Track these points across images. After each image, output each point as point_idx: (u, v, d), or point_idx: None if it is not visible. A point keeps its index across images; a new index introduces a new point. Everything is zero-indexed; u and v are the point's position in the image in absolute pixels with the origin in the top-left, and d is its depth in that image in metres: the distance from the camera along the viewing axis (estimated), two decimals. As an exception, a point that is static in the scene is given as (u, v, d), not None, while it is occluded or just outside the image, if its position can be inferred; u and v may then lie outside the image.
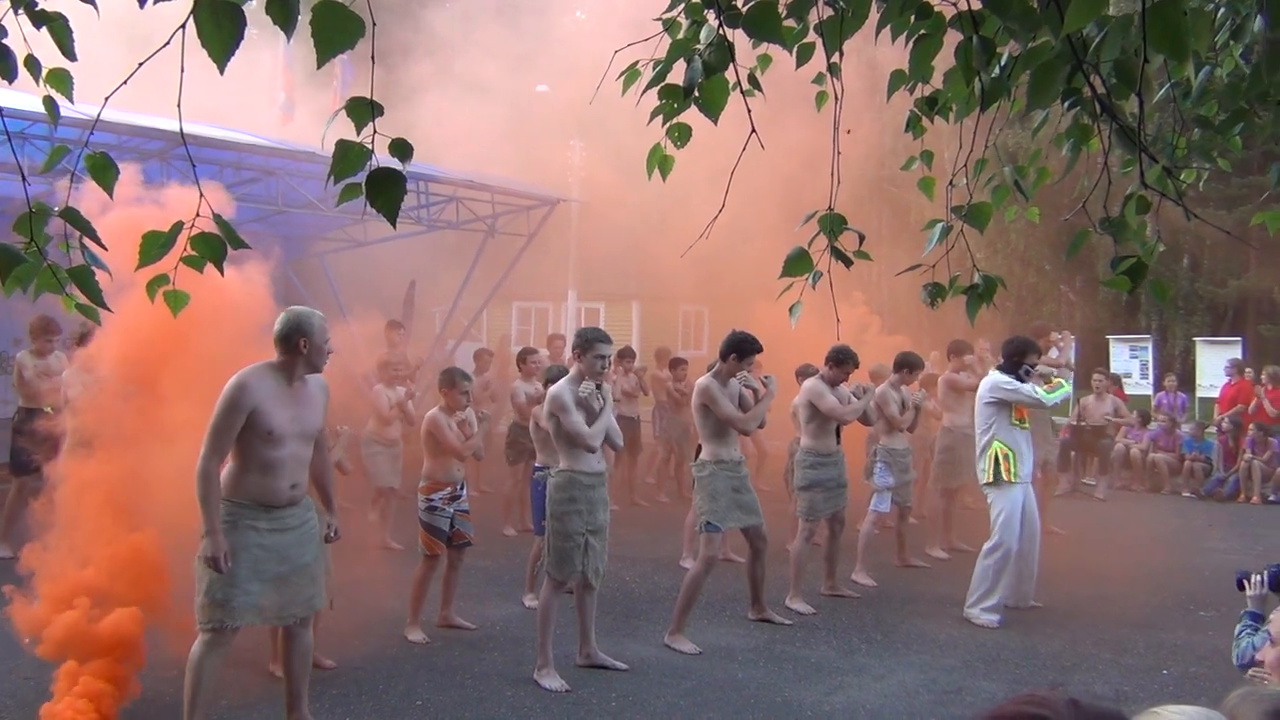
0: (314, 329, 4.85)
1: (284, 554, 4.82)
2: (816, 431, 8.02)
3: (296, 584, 4.88)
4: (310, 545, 4.97)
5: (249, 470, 4.76)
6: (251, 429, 4.71)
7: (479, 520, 8.12)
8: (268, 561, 4.77)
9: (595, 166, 19.23)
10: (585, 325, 20.35)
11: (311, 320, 4.87)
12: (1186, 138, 3.11)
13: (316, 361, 4.89)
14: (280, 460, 4.78)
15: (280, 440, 4.76)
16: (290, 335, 4.81)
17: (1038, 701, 1.26)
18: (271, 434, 4.72)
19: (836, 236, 2.61)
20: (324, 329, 4.91)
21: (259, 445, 4.73)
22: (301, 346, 4.81)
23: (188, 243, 2.03)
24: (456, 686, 6.04)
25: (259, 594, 4.74)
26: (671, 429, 12.54)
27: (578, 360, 6.19)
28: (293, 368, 4.83)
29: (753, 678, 6.31)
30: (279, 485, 4.80)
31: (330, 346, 4.97)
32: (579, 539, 6.05)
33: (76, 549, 5.43)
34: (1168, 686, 6.30)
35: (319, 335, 4.86)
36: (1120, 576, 9.12)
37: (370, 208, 1.88)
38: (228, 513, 4.71)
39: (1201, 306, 24.38)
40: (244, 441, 4.74)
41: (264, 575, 4.75)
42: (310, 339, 4.82)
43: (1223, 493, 14.25)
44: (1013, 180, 3.00)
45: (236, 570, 4.66)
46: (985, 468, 7.74)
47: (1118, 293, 5.54)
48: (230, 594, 4.66)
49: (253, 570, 4.72)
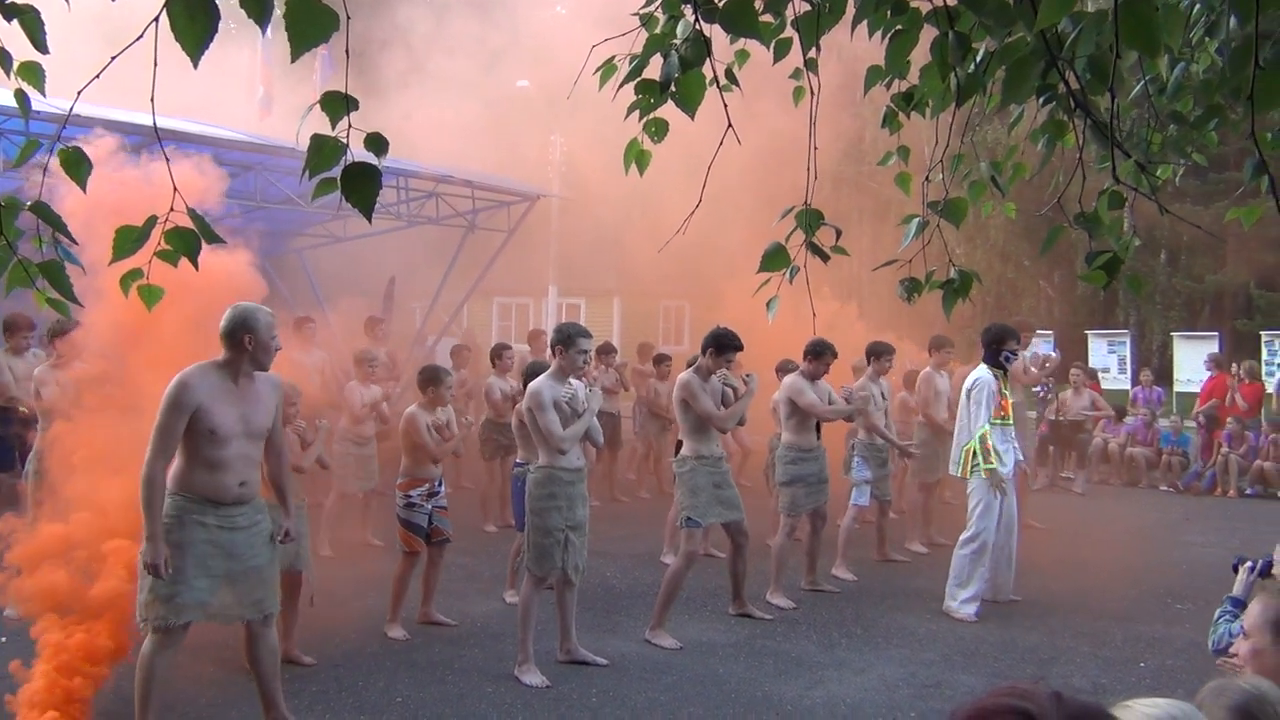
0: (259, 325, 4.76)
1: (232, 552, 4.77)
2: (797, 427, 8.04)
3: (246, 584, 4.82)
4: (262, 547, 4.91)
5: (196, 467, 4.70)
6: (195, 428, 4.65)
7: (460, 517, 8.11)
8: (215, 558, 4.72)
9: (575, 162, 19.22)
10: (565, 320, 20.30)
11: (257, 316, 4.78)
12: (1161, 134, 3.13)
13: (262, 359, 4.80)
14: (227, 459, 4.73)
15: (225, 439, 4.70)
16: (235, 331, 4.74)
17: (1020, 694, 1.26)
18: (215, 433, 4.67)
19: (814, 232, 2.62)
20: (270, 325, 4.81)
21: (204, 444, 4.67)
22: (246, 343, 4.73)
23: (162, 237, 2.02)
24: (437, 683, 6.03)
25: (205, 590, 4.68)
26: (651, 425, 12.55)
27: (558, 356, 6.17)
28: (238, 365, 4.76)
29: (733, 672, 6.33)
30: (226, 482, 4.74)
31: (278, 344, 4.87)
32: (559, 535, 6.04)
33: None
34: (1145, 679, 6.34)
35: (264, 332, 4.76)
36: (1098, 570, 9.19)
37: (346, 203, 1.87)
38: (175, 508, 4.67)
39: (1179, 301, 24.58)
40: (189, 440, 4.68)
41: (211, 571, 4.70)
42: (255, 335, 4.74)
43: (1200, 486, 14.36)
44: (989, 176, 3.02)
45: (183, 566, 4.62)
46: (959, 460, 7.77)
47: (1095, 288, 5.57)
48: (175, 590, 4.60)
49: (200, 566, 4.67)
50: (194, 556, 4.66)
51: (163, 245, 2.02)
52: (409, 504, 6.96)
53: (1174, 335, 20.67)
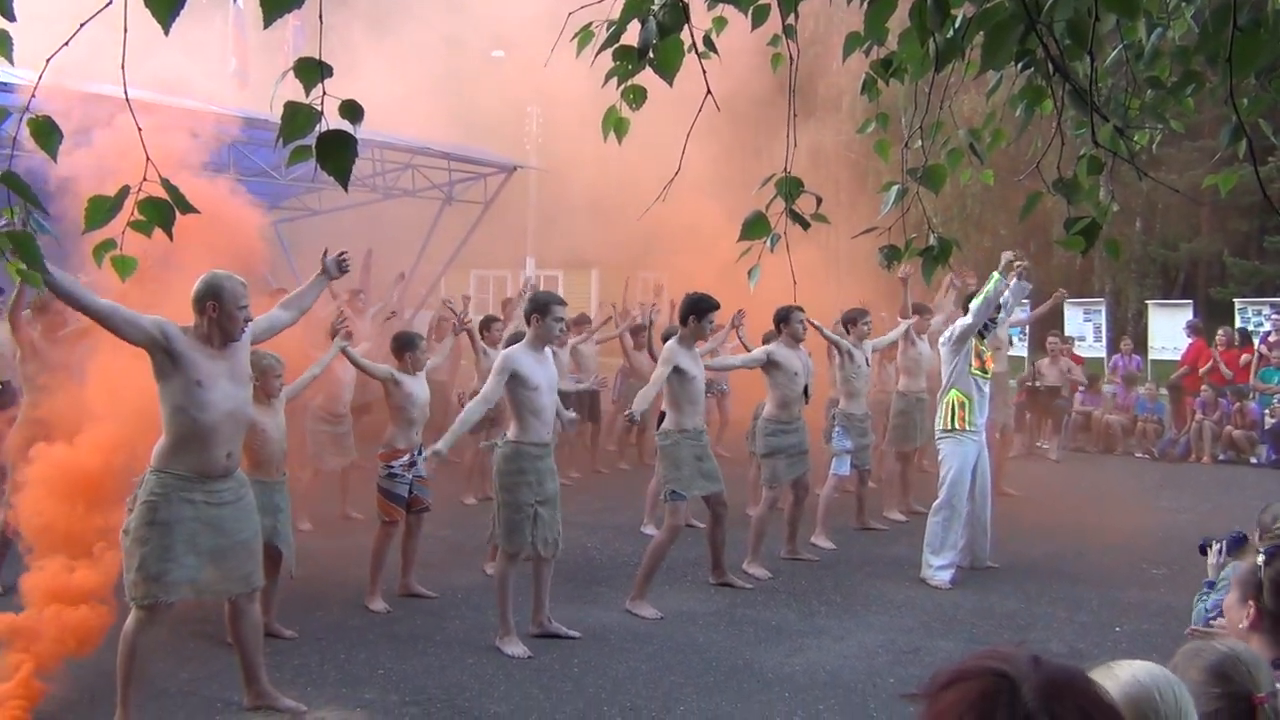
0: (224, 293, 4.68)
1: (220, 527, 4.75)
2: (779, 400, 8.04)
3: (234, 559, 4.81)
4: (248, 521, 4.91)
5: (182, 440, 4.66)
6: (179, 375, 4.59)
7: (441, 489, 8.10)
8: (203, 535, 4.70)
9: (552, 133, 19.12)
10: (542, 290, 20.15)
11: (223, 284, 4.70)
12: (1139, 99, 3.13)
13: (227, 327, 4.71)
14: (213, 423, 4.67)
15: (209, 401, 4.64)
16: (201, 298, 4.69)
17: (1000, 657, 1.28)
18: (200, 384, 4.61)
19: (794, 200, 2.61)
20: (237, 295, 4.72)
21: (190, 404, 4.61)
22: (210, 310, 4.68)
23: (135, 207, 1.99)
24: (419, 654, 6.04)
25: (195, 567, 4.66)
26: (631, 394, 12.52)
27: (534, 325, 6.16)
28: (207, 333, 4.69)
29: (713, 641, 6.37)
30: (214, 455, 4.71)
31: (247, 314, 4.78)
32: (528, 510, 6.05)
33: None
34: (1121, 643, 6.42)
35: (230, 300, 4.69)
36: (1074, 536, 9.28)
37: (321, 171, 1.85)
38: (161, 485, 4.63)
39: (1154, 270, 24.70)
40: (173, 397, 4.62)
41: (199, 548, 4.68)
42: (220, 303, 4.68)
43: (1174, 453, 14.50)
44: (968, 143, 3.02)
45: (171, 544, 4.59)
46: (942, 415, 7.83)
47: (1072, 256, 5.50)
48: (165, 568, 4.58)
49: (188, 544, 4.64)
50: (182, 534, 4.63)
51: (136, 215, 2.00)
52: (390, 474, 6.96)
53: (1149, 303, 20.78)
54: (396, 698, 5.40)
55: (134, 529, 4.62)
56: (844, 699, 5.46)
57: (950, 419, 7.74)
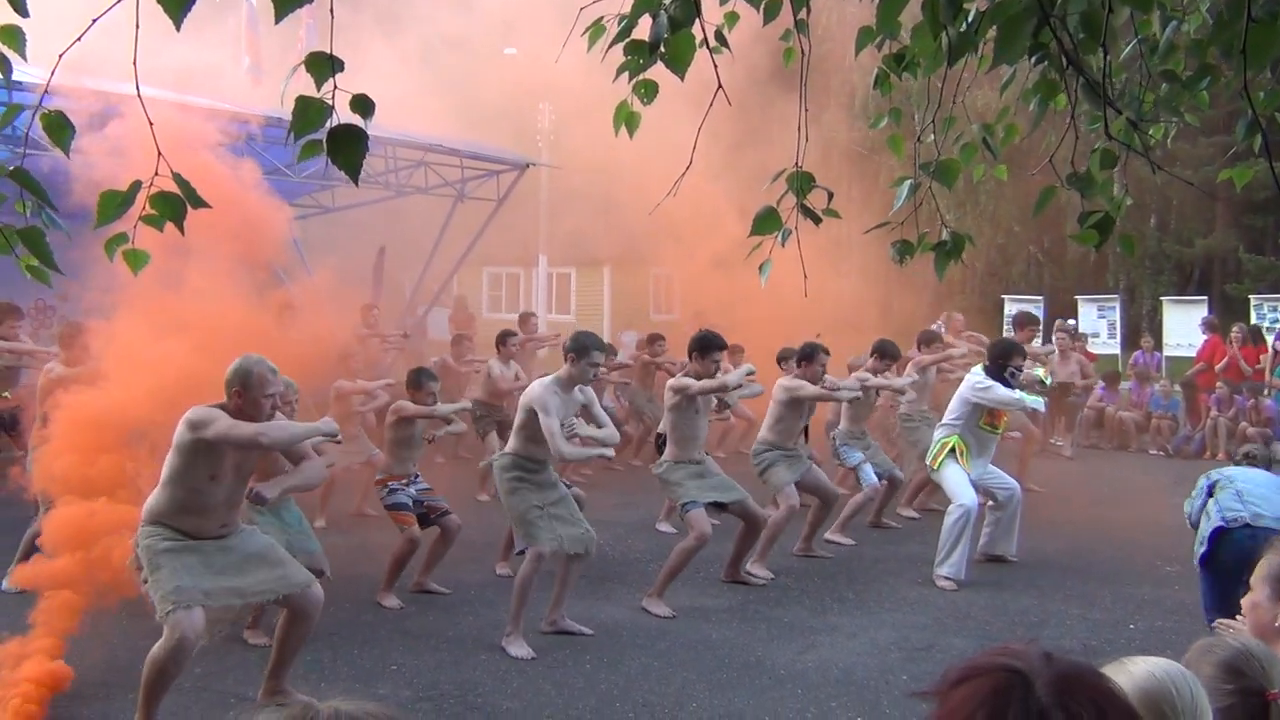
0: (251, 381, 4.76)
1: (228, 549, 4.83)
2: (782, 431, 8.06)
3: (254, 569, 4.86)
4: (252, 539, 4.98)
5: (177, 509, 4.75)
6: (196, 467, 4.70)
7: (457, 486, 8.13)
8: (213, 555, 4.77)
9: (565, 130, 19.10)
10: (557, 295, 20.24)
11: (250, 370, 4.78)
12: (1154, 93, 3.11)
13: (251, 414, 4.77)
14: (212, 505, 4.79)
15: (217, 486, 4.76)
16: (229, 383, 4.78)
17: (1012, 653, 1.28)
18: (214, 478, 4.74)
19: (805, 194, 2.60)
20: (265, 382, 4.78)
21: (198, 485, 4.72)
22: (236, 396, 4.76)
23: (147, 202, 2.00)
24: (431, 651, 6.05)
25: (216, 579, 4.72)
26: (638, 399, 12.53)
27: (570, 364, 6.22)
28: (232, 416, 4.73)
29: (726, 638, 6.36)
30: (207, 526, 4.81)
31: (274, 403, 4.86)
32: (537, 510, 6.11)
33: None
34: (1135, 640, 6.39)
35: (256, 388, 4.76)
36: (1088, 533, 9.25)
37: (333, 166, 1.84)
38: (155, 531, 4.72)
39: (1168, 266, 24.59)
40: (183, 478, 4.72)
41: (216, 566, 4.75)
42: (246, 392, 4.76)
43: (1189, 450, 14.42)
44: (981, 138, 3.00)
45: (190, 566, 4.66)
46: (934, 453, 7.84)
47: (1085, 253, 5.44)
48: (184, 579, 4.62)
49: (204, 563, 4.72)
50: (192, 553, 4.71)
51: (148, 210, 2.00)
52: (390, 490, 7.08)
53: (1163, 300, 20.69)
54: (409, 693, 5.41)
55: (147, 568, 4.70)
56: (856, 696, 5.45)
57: (942, 459, 7.75)
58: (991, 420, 7.81)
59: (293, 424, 5.18)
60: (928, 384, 10.01)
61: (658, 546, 8.28)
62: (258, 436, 4.66)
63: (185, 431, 4.67)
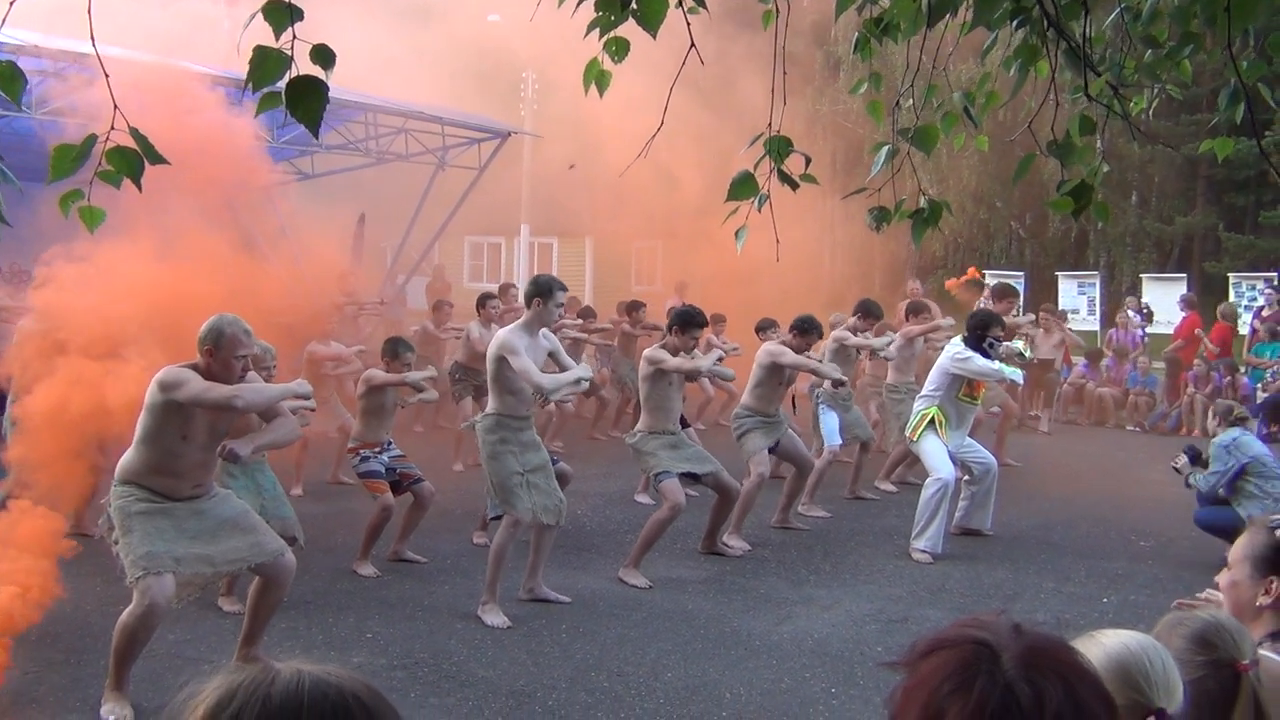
0: (223, 340, 4.65)
1: (202, 513, 4.78)
2: (762, 395, 8.04)
3: (228, 536, 4.80)
4: (227, 504, 4.92)
5: (150, 469, 4.69)
6: (168, 426, 4.63)
7: (434, 456, 8.10)
8: (186, 519, 4.72)
9: (548, 99, 18.97)
10: (538, 265, 20.18)
11: (222, 330, 4.66)
12: (1135, 60, 3.08)
13: (224, 376, 4.67)
14: (185, 468, 4.74)
15: (189, 447, 4.70)
16: (200, 342, 4.67)
17: (981, 625, 1.26)
18: (186, 439, 4.67)
19: (783, 160, 2.56)
20: (237, 343, 4.66)
21: (170, 444, 4.66)
22: (207, 355, 4.66)
23: (103, 157, 1.94)
24: (406, 619, 6.04)
25: (187, 545, 4.66)
26: (621, 367, 12.53)
27: (534, 307, 6.17)
28: (204, 375, 4.64)
29: (702, 608, 6.37)
30: (179, 486, 4.75)
31: (245, 364, 4.77)
32: (518, 477, 6.07)
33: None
34: (1108, 614, 6.43)
35: (227, 349, 4.65)
36: (1063, 507, 9.30)
37: (291, 118, 1.80)
38: (128, 491, 4.67)
39: (1149, 243, 24.68)
40: (156, 438, 4.66)
41: (188, 531, 4.70)
42: (218, 352, 4.65)
43: (1165, 426, 14.51)
44: (962, 107, 2.97)
45: (162, 530, 4.61)
46: (914, 424, 7.86)
47: (1066, 230, 5.43)
48: (155, 545, 4.56)
49: (176, 527, 4.66)
50: (164, 517, 4.65)
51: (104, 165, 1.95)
52: (362, 459, 7.07)
53: (1143, 277, 20.77)
54: (384, 661, 5.39)
55: (118, 531, 4.64)
56: (831, 667, 5.46)
57: (922, 430, 7.77)
58: (970, 391, 7.83)
59: (267, 386, 5.12)
60: (914, 355, 9.99)
61: (636, 517, 8.27)
62: (232, 400, 4.59)
63: (156, 392, 4.60)
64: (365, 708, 1.17)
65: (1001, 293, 10.66)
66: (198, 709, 1.15)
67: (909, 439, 8.09)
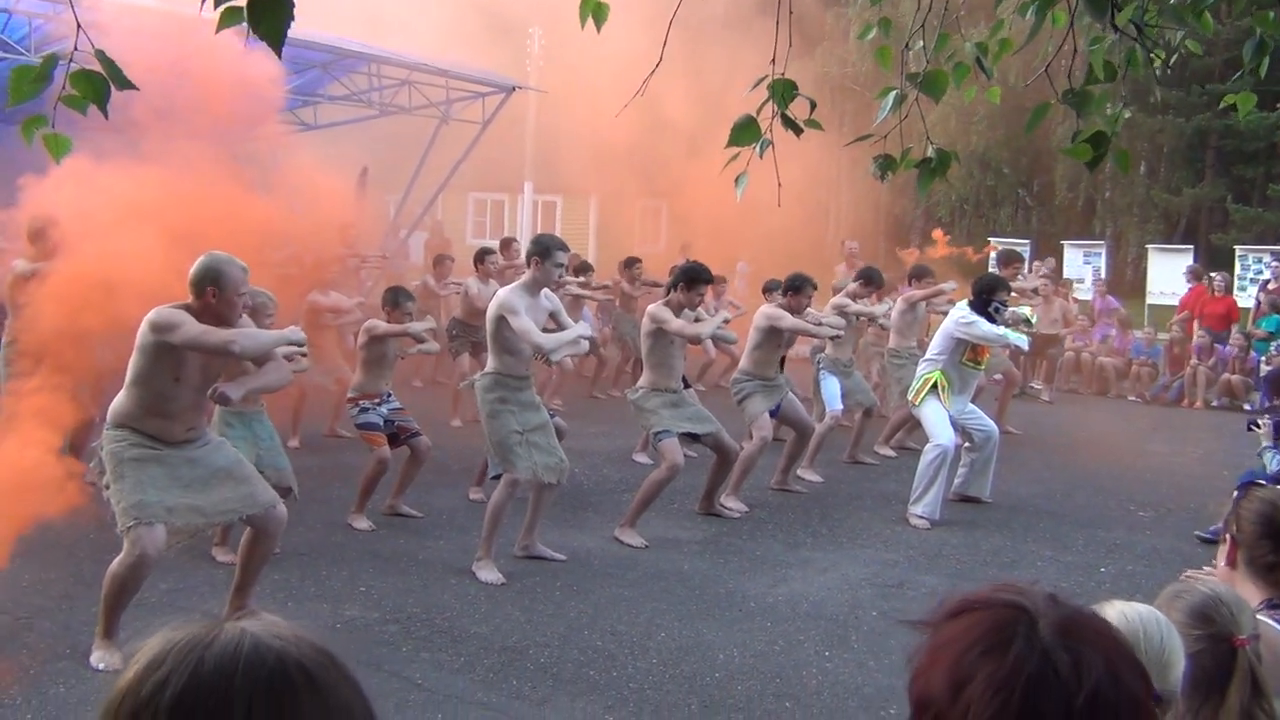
0: (227, 281, 4.55)
1: (195, 461, 4.71)
2: (761, 359, 7.97)
3: (220, 485, 4.75)
4: (220, 452, 4.86)
5: (144, 411, 4.62)
6: (161, 366, 4.56)
7: (432, 411, 8.05)
8: (179, 466, 4.65)
9: (554, 55, 18.77)
10: (541, 224, 20.10)
11: (224, 270, 4.56)
12: (1158, 4, 2.98)
13: (226, 315, 4.60)
14: (178, 410, 4.66)
15: (182, 390, 4.64)
16: (200, 282, 4.55)
17: (1015, 590, 1.20)
18: (178, 380, 4.60)
19: (787, 104, 2.48)
20: (240, 281, 4.60)
21: (163, 387, 4.59)
22: (210, 296, 4.54)
23: (67, 81, 1.85)
24: (400, 573, 6.01)
25: (179, 494, 4.61)
26: (623, 325, 12.47)
27: (534, 268, 6.09)
28: (200, 317, 4.54)
29: (698, 569, 6.34)
30: (173, 429, 4.68)
31: (247, 300, 4.74)
32: (517, 436, 6.02)
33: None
34: (1105, 584, 6.40)
35: (231, 288, 4.56)
36: (1063, 477, 9.25)
37: (254, 35, 1.71)
38: (121, 435, 4.59)
39: (1155, 214, 24.46)
40: (149, 379, 4.59)
41: (182, 479, 4.63)
42: (222, 293, 4.55)
43: (1167, 397, 14.44)
44: (974, 57, 2.87)
45: (150, 474, 4.54)
46: (917, 388, 7.79)
47: (1074, 198, 5.34)
48: (146, 493, 4.51)
49: (169, 474, 4.60)
50: (157, 465, 4.59)
51: (69, 90, 1.86)
52: (361, 410, 7.01)
53: (1149, 248, 20.62)
54: (377, 615, 5.37)
55: (110, 476, 4.58)
56: (826, 630, 5.43)
57: (925, 395, 7.70)
58: (974, 356, 7.76)
59: (263, 332, 5.06)
60: (917, 320, 9.92)
61: (633, 477, 8.23)
62: (228, 345, 4.52)
63: (148, 333, 4.52)
64: (309, 676, 1.06)
65: (1007, 258, 10.57)
66: (128, 670, 1.08)
67: (911, 403, 8.04)
